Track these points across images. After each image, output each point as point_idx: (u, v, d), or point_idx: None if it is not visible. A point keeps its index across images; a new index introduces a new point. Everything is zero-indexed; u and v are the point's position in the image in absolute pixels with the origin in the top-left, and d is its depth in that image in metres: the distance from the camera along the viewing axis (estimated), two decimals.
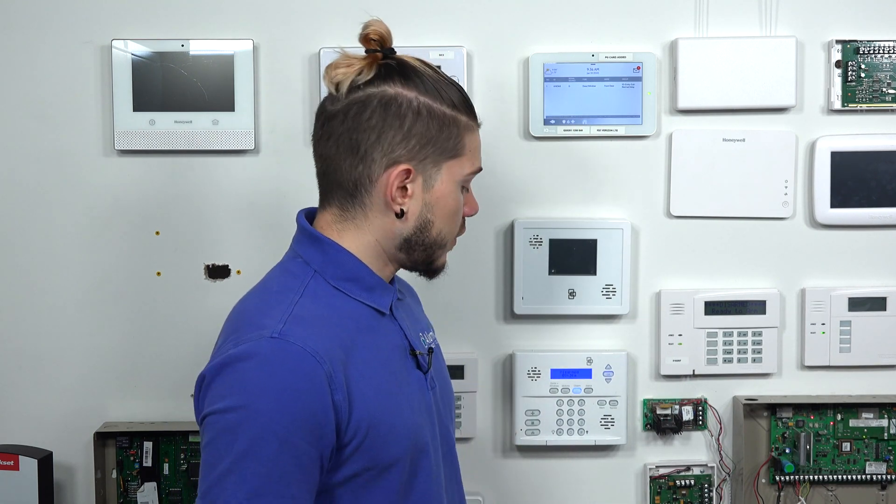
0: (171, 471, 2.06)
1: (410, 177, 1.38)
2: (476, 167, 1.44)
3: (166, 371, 2.07)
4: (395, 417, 1.37)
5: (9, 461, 1.96)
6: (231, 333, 1.35)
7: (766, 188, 2.05)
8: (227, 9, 2.02)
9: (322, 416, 1.29)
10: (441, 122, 1.38)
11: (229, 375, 1.29)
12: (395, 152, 1.37)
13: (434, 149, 1.38)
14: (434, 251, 1.44)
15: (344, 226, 1.42)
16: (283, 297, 1.36)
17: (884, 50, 2.03)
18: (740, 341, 2.07)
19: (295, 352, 1.29)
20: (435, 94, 1.39)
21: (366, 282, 1.42)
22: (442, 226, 1.42)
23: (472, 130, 1.43)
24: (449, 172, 1.40)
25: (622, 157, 2.06)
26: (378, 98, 1.37)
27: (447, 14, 2.03)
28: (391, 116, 1.37)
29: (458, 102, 1.40)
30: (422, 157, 1.38)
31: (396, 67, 1.40)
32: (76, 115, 2.03)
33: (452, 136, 1.39)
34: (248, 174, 2.05)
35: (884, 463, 2.08)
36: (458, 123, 1.40)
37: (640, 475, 2.12)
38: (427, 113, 1.38)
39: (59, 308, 2.06)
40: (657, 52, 2.04)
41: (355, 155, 1.38)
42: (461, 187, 1.43)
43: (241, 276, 2.06)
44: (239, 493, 1.25)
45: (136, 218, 2.05)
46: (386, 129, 1.37)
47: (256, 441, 1.26)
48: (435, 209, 1.41)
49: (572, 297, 2.05)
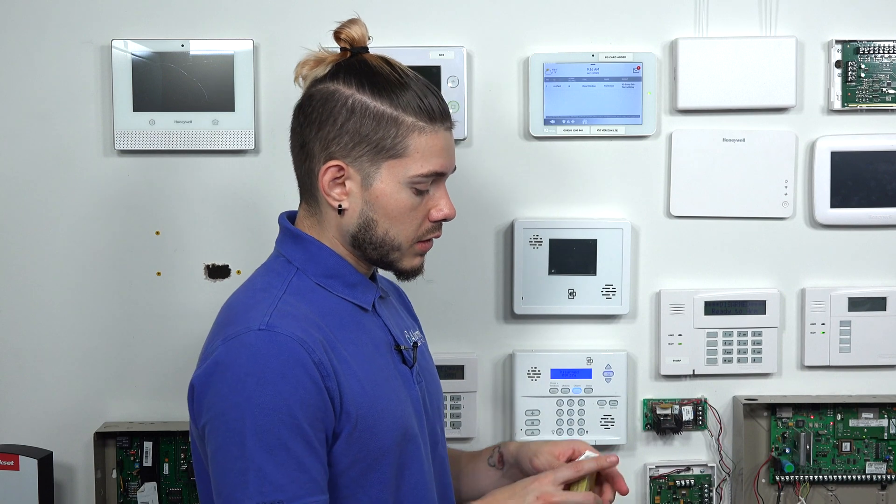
0: (171, 471, 2.06)
1: (345, 173, 1.39)
2: (430, 170, 1.40)
3: (166, 371, 2.07)
4: (382, 409, 1.37)
5: (9, 461, 1.96)
6: (219, 330, 1.36)
7: (766, 188, 2.05)
8: (227, 9, 2.02)
9: (319, 398, 1.30)
10: (377, 121, 1.37)
11: (221, 376, 1.30)
12: (330, 148, 1.38)
13: (369, 147, 1.38)
14: (387, 251, 1.43)
15: (311, 221, 1.44)
16: (268, 294, 1.37)
17: (884, 50, 2.03)
18: (740, 341, 2.07)
19: (283, 340, 1.30)
20: (378, 91, 1.38)
21: (347, 279, 1.43)
22: (388, 226, 1.41)
23: (424, 132, 1.39)
24: (390, 172, 1.39)
25: (622, 157, 2.06)
26: (320, 93, 1.39)
27: (447, 14, 2.03)
28: (326, 112, 1.38)
29: (409, 103, 1.38)
30: (357, 155, 1.38)
31: (345, 66, 1.40)
32: (76, 115, 2.03)
33: (390, 135, 1.38)
34: (248, 174, 2.05)
35: (884, 463, 2.08)
36: (400, 123, 1.38)
37: (640, 475, 2.12)
38: (361, 110, 1.37)
39: (59, 308, 2.06)
40: (657, 52, 2.04)
41: (302, 149, 1.42)
42: (413, 189, 1.40)
43: (241, 276, 2.05)
44: (262, 488, 1.25)
45: (136, 218, 2.05)
46: (322, 124, 1.39)
47: (265, 433, 1.26)
48: (376, 208, 1.40)
49: (572, 297, 2.05)
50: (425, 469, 1.45)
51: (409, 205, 1.40)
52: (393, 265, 1.45)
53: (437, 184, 1.43)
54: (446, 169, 1.43)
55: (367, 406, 1.35)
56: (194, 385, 1.34)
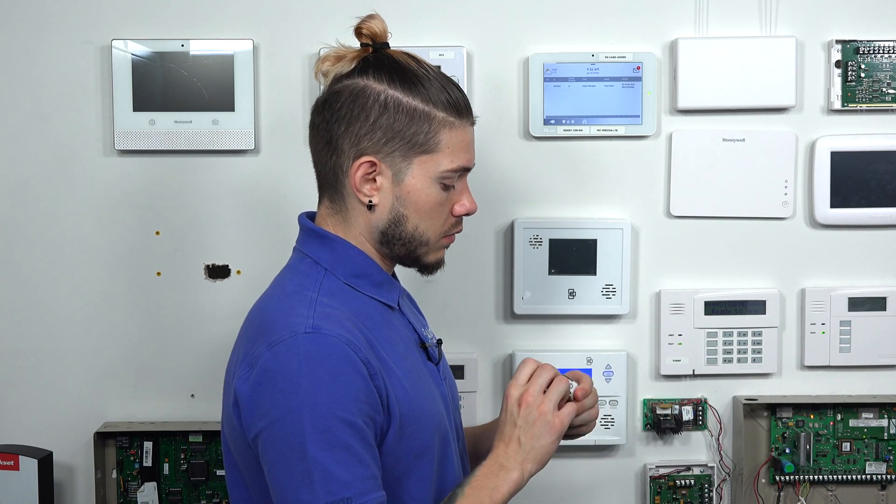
0: (171, 471, 2.06)
1: (376, 169, 1.38)
2: (458, 165, 1.41)
3: (166, 371, 2.07)
4: (421, 407, 1.38)
5: (9, 461, 1.96)
6: (258, 336, 1.33)
7: (766, 188, 2.05)
8: (227, 9, 2.02)
9: (371, 397, 1.30)
10: (410, 117, 1.37)
11: (274, 381, 1.28)
12: (361, 144, 1.38)
13: (402, 143, 1.37)
14: (415, 247, 1.43)
15: (336, 219, 1.43)
16: (302, 296, 1.36)
17: (884, 50, 2.03)
18: (740, 341, 2.07)
19: (331, 342, 1.29)
20: (409, 87, 1.38)
21: (375, 278, 1.43)
22: (418, 221, 1.41)
23: (453, 127, 1.40)
24: (421, 168, 1.39)
25: (622, 157, 2.06)
26: (349, 89, 1.39)
27: (447, 14, 2.03)
28: (358, 107, 1.37)
29: (438, 99, 1.38)
30: (389, 151, 1.38)
31: (374, 61, 1.40)
32: (76, 115, 2.03)
33: (423, 131, 1.38)
34: (248, 174, 2.05)
35: (884, 463, 2.08)
36: (432, 119, 1.38)
37: (640, 475, 2.12)
38: (394, 106, 1.37)
39: (60, 308, 2.06)
40: (657, 52, 2.04)
41: (328, 145, 1.40)
42: (441, 184, 1.40)
43: (241, 276, 2.06)
44: (329, 487, 1.24)
45: (136, 218, 2.05)
46: (353, 120, 1.38)
47: (325, 433, 1.25)
48: (407, 203, 1.40)
49: (572, 297, 2.05)
50: (456, 464, 1.47)
51: (438, 200, 1.41)
52: (419, 260, 1.45)
53: (461, 179, 1.44)
54: (472, 163, 1.44)
55: (408, 404, 1.35)
56: (240, 395, 1.31)
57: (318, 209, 1.46)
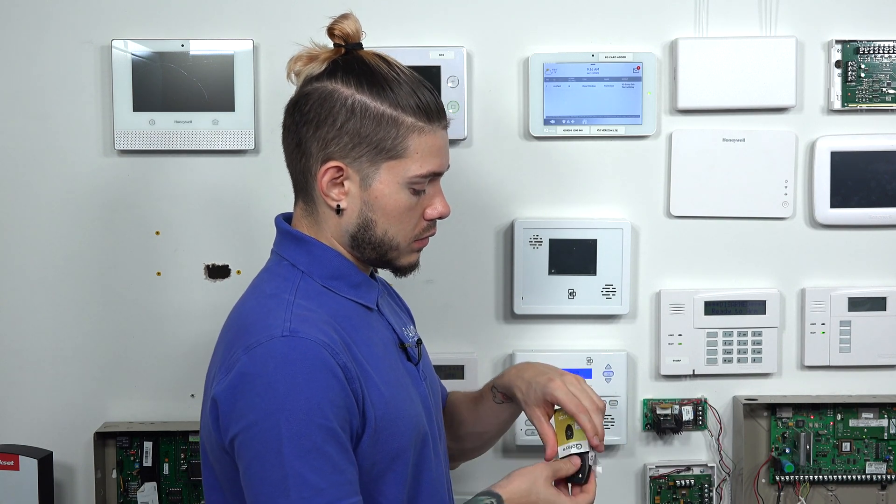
0: (171, 471, 2.06)
1: (343, 174, 1.38)
2: (428, 170, 1.39)
3: (166, 371, 2.07)
4: (398, 409, 1.37)
5: (9, 461, 1.96)
6: (235, 340, 1.33)
7: (766, 188, 2.05)
8: (227, 9, 2.02)
9: (347, 401, 1.30)
10: (377, 122, 1.36)
11: (250, 385, 1.28)
12: (329, 148, 1.37)
13: (369, 148, 1.37)
14: (386, 251, 1.42)
15: (309, 221, 1.43)
16: (279, 299, 1.36)
17: (884, 50, 2.03)
18: (740, 341, 2.07)
19: (308, 345, 1.28)
20: (378, 92, 1.37)
21: (352, 279, 1.43)
22: (387, 226, 1.40)
23: (422, 132, 1.38)
24: (389, 173, 1.38)
25: (622, 157, 2.06)
26: (318, 92, 1.38)
27: (447, 14, 2.03)
28: (325, 111, 1.37)
29: (407, 103, 1.37)
30: (356, 156, 1.37)
31: (343, 64, 1.39)
32: (76, 115, 2.03)
33: (390, 136, 1.37)
34: (248, 174, 2.05)
35: (884, 463, 2.08)
36: (400, 124, 1.37)
37: (640, 475, 2.12)
38: (361, 111, 1.36)
39: (59, 308, 2.06)
40: (657, 52, 2.04)
41: (298, 148, 1.40)
42: (410, 189, 1.39)
43: (241, 276, 2.06)
44: (304, 493, 1.24)
45: (136, 218, 2.05)
46: (321, 124, 1.37)
47: (301, 438, 1.25)
48: (375, 208, 1.39)
49: (572, 297, 2.05)
50: (435, 465, 1.46)
51: (407, 205, 1.40)
52: (391, 263, 1.45)
53: (433, 183, 1.43)
54: (443, 168, 1.43)
55: (385, 407, 1.35)
56: (218, 399, 1.31)
57: (293, 210, 1.46)
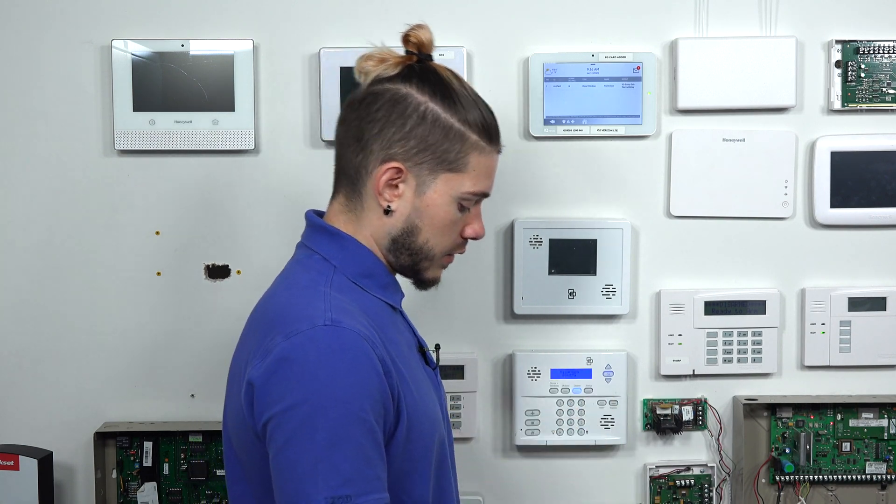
0: (171, 471, 2.06)
1: (402, 176, 1.38)
2: (480, 189, 1.42)
3: (166, 371, 2.07)
4: (424, 410, 1.38)
5: (9, 461, 1.96)
6: (272, 328, 1.32)
7: (766, 188, 2.05)
8: (227, 9, 2.02)
9: (383, 396, 1.30)
10: (445, 133, 1.38)
11: (290, 370, 1.27)
12: (392, 149, 1.38)
13: (432, 156, 1.38)
14: (420, 260, 1.43)
15: (348, 217, 1.43)
16: (315, 290, 1.35)
17: (884, 50, 2.03)
18: (740, 341, 2.07)
19: (350, 336, 1.28)
20: (450, 104, 1.39)
21: (382, 279, 1.43)
22: (429, 235, 1.41)
23: (484, 152, 1.41)
24: (445, 184, 1.40)
25: (622, 157, 2.06)
26: (391, 93, 1.39)
27: (447, 14, 2.03)
28: (396, 113, 1.38)
29: (475, 120, 1.40)
30: (418, 161, 1.38)
31: (419, 71, 1.40)
32: (76, 115, 2.03)
33: (454, 149, 1.39)
34: (248, 174, 2.05)
35: (884, 463, 2.08)
36: (466, 139, 1.39)
37: (640, 475, 2.12)
38: (432, 119, 1.38)
39: (59, 308, 2.06)
40: (657, 52, 2.04)
41: (358, 143, 1.40)
42: (459, 204, 1.41)
43: (241, 276, 2.06)
44: (331, 483, 1.23)
45: (136, 218, 2.05)
46: (388, 124, 1.38)
47: (338, 427, 1.25)
48: (423, 216, 1.40)
49: (572, 297, 2.05)
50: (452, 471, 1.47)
51: (452, 218, 1.42)
52: (419, 273, 1.46)
53: (477, 203, 1.45)
54: (490, 191, 1.45)
55: (415, 406, 1.35)
56: (254, 382, 1.30)
57: (329, 205, 1.46)
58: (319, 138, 2.02)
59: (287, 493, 1.25)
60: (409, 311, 2.09)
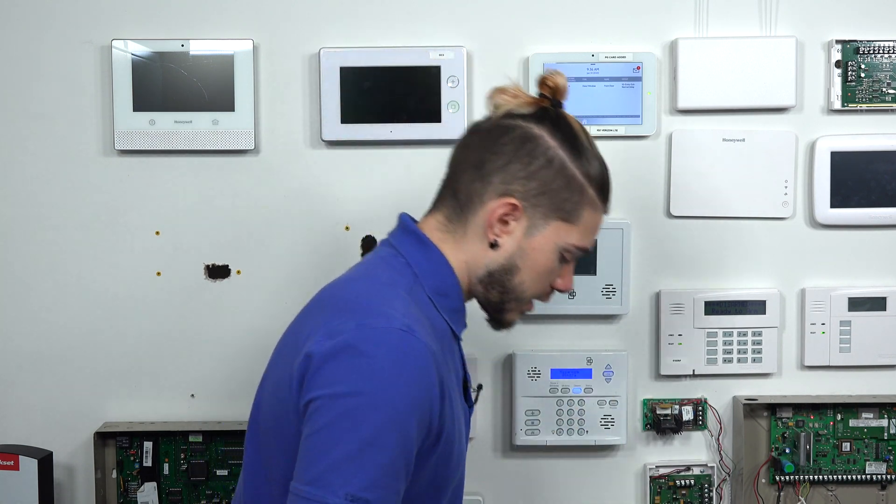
0: (171, 471, 2.06)
1: (516, 214, 1.38)
2: (584, 245, 1.42)
3: (166, 371, 2.07)
4: (455, 441, 1.36)
5: (9, 461, 1.96)
6: (345, 312, 1.29)
7: (766, 188, 2.05)
8: (227, 9, 2.02)
9: (433, 415, 1.28)
10: (568, 181, 1.38)
11: (354, 359, 1.24)
12: (513, 185, 1.37)
13: (549, 201, 1.38)
14: (509, 299, 1.43)
15: (445, 236, 1.41)
16: (395, 291, 1.34)
17: (884, 50, 2.03)
18: (740, 341, 2.07)
19: (422, 348, 1.27)
20: (576, 155, 1.38)
21: (454, 302, 1.42)
22: (526, 277, 1.41)
23: (596, 209, 1.42)
24: (554, 232, 1.39)
25: (622, 157, 2.05)
26: (522, 130, 1.38)
27: (447, 14, 2.03)
28: (524, 151, 1.37)
29: (596, 176, 1.40)
30: (535, 203, 1.38)
31: (553, 116, 1.40)
32: (76, 115, 2.03)
33: (573, 200, 1.39)
34: (248, 174, 2.05)
35: (884, 463, 2.08)
36: (585, 193, 1.39)
37: (640, 475, 2.12)
38: (559, 166, 1.37)
39: (59, 308, 2.06)
40: (657, 52, 2.04)
41: (478, 171, 1.39)
42: (561, 254, 1.41)
43: (241, 276, 2.06)
44: (355, 481, 1.21)
45: (136, 218, 2.05)
46: (515, 159, 1.37)
47: (382, 430, 1.22)
48: (526, 258, 1.40)
49: (572, 297, 2.05)
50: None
51: (551, 267, 1.42)
52: (502, 312, 1.45)
53: (575, 258, 1.45)
54: (591, 249, 1.46)
55: (448, 439, 1.34)
56: (314, 356, 1.26)
57: (426, 218, 1.44)
58: (319, 138, 2.02)
59: (309, 473, 1.22)
60: None
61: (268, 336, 2.06)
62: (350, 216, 2.05)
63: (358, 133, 2.01)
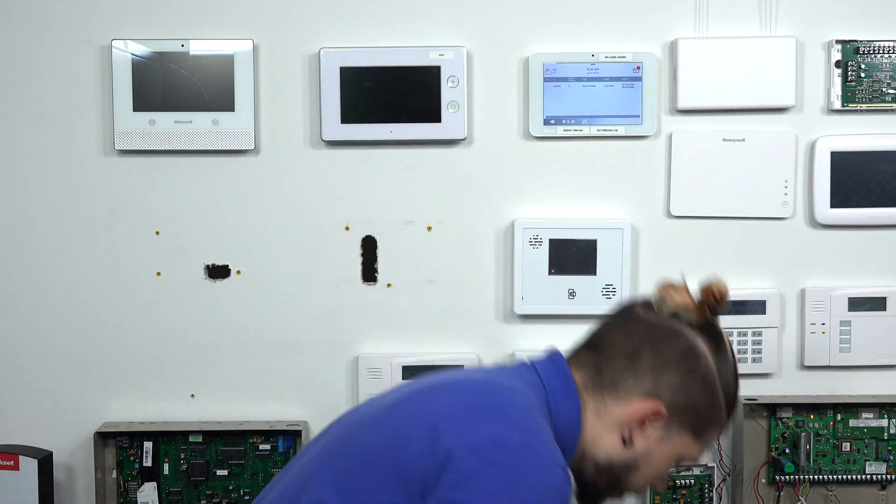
0: (171, 471, 2.05)
1: (658, 422, 1.35)
2: (698, 458, 1.41)
3: (166, 371, 2.07)
4: None
5: (9, 461, 1.96)
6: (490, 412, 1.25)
7: (766, 188, 2.05)
8: (227, 9, 2.02)
9: None
10: (711, 403, 1.36)
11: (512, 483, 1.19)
12: (663, 391, 1.34)
13: (689, 418, 1.36)
14: (612, 491, 1.39)
15: (589, 405, 1.37)
16: (543, 424, 1.29)
17: (884, 50, 2.03)
18: (740, 341, 2.07)
19: (567, 493, 1.24)
20: (725, 378, 1.37)
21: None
22: (640, 479, 1.38)
23: (720, 428, 1.40)
24: (681, 443, 1.37)
25: (622, 157, 2.05)
26: (688, 342, 1.36)
27: (447, 14, 2.03)
28: (686, 365, 1.35)
29: (730, 398, 1.38)
30: (678, 415, 1.35)
31: (715, 333, 1.38)
32: (76, 115, 2.03)
33: (707, 419, 1.37)
34: (248, 174, 2.05)
35: (884, 463, 2.08)
36: (719, 415, 1.38)
37: None
38: (711, 389, 1.36)
39: (59, 308, 2.06)
40: (657, 52, 2.04)
41: (631, 362, 1.36)
42: (675, 461, 1.39)
43: (241, 276, 2.06)
44: None
45: (136, 218, 2.05)
46: (673, 368, 1.35)
47: None
48: (650, 463, 1.37)
49: (572, 297, 2.05)
50: None
51: (664, 473, 1.40)
52: (598, 495, 1.41)
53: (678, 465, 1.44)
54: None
55: None
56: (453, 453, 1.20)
57: (576, 371, 1.39)
58: (319, 138, 2.02)
59: None
60: (410, 310, 2.10)
61: (268, 336, 2.07)
62: (350, 216, 2.05)
63: (358, 133, 2.01)
